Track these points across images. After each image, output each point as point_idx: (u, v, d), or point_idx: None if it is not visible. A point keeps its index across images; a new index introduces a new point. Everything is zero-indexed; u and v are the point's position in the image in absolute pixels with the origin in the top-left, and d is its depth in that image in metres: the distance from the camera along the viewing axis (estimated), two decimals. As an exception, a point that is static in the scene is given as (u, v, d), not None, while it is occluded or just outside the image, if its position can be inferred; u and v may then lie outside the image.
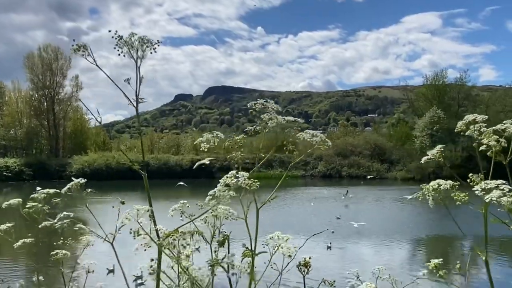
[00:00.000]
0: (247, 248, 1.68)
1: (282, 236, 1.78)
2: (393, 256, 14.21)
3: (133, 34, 1.67)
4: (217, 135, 1.75)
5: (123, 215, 1.68)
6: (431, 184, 1.58)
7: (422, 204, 26.33)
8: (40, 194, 2.18)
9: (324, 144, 1.71)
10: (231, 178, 1.61)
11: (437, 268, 1.71)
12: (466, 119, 1.65)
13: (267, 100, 1.76)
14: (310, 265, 2.00)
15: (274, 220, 18.29)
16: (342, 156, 54.46)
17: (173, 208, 1.76)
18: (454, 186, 1.54)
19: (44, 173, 49.11)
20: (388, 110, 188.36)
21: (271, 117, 1.71)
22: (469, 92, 57.67)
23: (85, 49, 1.65)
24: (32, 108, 59.70)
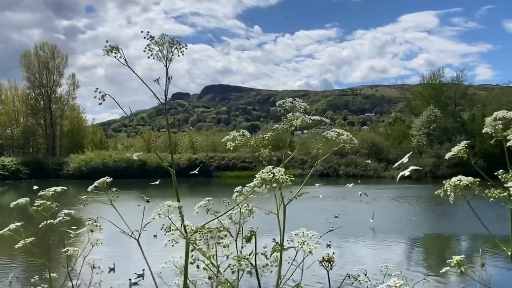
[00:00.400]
0: (277, 243, 1.72)
1: (307, 232, 1.84)
2: (391, 254, 14.25)
3: (164, 35, 1.67)
4: (243, 133, 1.78)
5: (154, 212, 1.70)
6: (452, 180, 1.58)
7: (419, 203, 26.42)
8: (48, 192, 2.20)
9: (351, 143, 1.76)
10: (267, 174, 1.63)
11: (459, 264, 1.74)
12: (497, 115, 1.63)
13: (295, 98, 1.78)
14: (333, 260, 2.03)
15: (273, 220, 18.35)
16: (339, 155, 54.52)
17: (198, 205, 1.80)
18: (475, 182, 1.54)
19: (41, 172, 48.97)
20: (385, 109, 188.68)
21: (297, 117, 1.74)
22: (466, 91, 57.85)
23: (117, 51, 1.65)
24: (29, 106, 59.51)
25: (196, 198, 1.83)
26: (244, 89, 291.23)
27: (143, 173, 49.13)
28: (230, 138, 1.76)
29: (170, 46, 1.67)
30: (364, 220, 20.38)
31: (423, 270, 11.86)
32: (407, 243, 16.13)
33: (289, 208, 1.76)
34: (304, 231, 1.84)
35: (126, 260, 12.30)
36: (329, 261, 2.00)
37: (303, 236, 1.82)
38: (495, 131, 1.60)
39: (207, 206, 1.80)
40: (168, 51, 1.68)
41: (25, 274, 10.75)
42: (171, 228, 1.68)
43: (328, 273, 2.03)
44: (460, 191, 1.55)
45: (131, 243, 1.87)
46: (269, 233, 8.56)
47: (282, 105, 1.76)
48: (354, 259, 13.49)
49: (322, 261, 2.00)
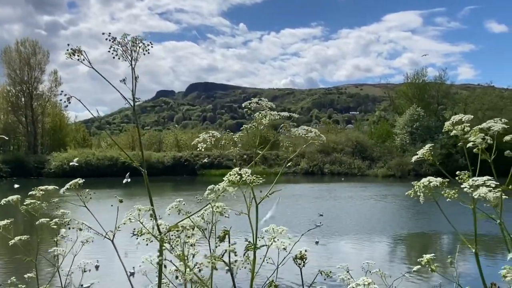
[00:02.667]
0: (249, 242, 1.73)
1: (277, 228, 1.82)
2: (374, 252, 14.42)
3: (125, 35, 1.67)
4: (213, 134, 1.78)
5: (125, 216, 1.72)
6: (422, 181, 1.62)
7: (401, 201, 26.79)
8: (39, 191, 2.20)
9: (319, 139, 1.76)
10: (234, 176, 1.65)
11: (430, 262, 1.78)
12: (453, 119, 1.68)
13: (261, 98, 1.80)
14: (306, 258, 2.03)
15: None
16: (324, 153, 54.89)
17: (170, 207, 1.79)
18: (444, 183, 1.58)
19: (22, 170, 48.07)
20: (369, 108, 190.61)
21: (265, 115, 1.76)
22: (448, 90, 58.82)
23: (80, 53, 1.64)
24: (9, 103, 58.26)
25: (179, 196, 1.82)
26: (230, 87, 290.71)
27: (127, 171, 48.60)
28: (200, 140, 1.77)
29: (133, 46, 1.67)
30: (348, 218, 20.58)
31: (405, 267, 12.03)
32: (391, 241, 16.34)
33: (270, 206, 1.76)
34: (274, 227, 1.84)
35: (110, 258, 12.18)
36: (301, 258, 2.02)
37: (274, 233, 1.82)
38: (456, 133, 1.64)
39: (178, 206, 1.79)
40: (133, 50, 1.67)
41: (3, 275, 10.55)
42: (143, 231, 1.68)
43: (301, 270, 2.05)
44: (429, 191, 1.59)
45: (117, 242, 1.86)
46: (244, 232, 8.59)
47: (248, 105, 1.78)
48: (338, 256, 13.62)
49: (295, 259, 2.02)
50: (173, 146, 63.89)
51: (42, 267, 6.44)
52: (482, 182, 1.46)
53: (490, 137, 1.55)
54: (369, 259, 2.40)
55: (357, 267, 2.58)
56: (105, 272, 11.31)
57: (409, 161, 26.55)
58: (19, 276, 2.54)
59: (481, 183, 1.46)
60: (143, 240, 1.69)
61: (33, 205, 2.14)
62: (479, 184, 1.46)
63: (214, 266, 1.69)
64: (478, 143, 1.54)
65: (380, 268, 2.33)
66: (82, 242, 2.16)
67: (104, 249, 12.11)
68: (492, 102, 51.13)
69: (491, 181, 1.45)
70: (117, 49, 1.66)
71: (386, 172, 49.23)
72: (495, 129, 1.55)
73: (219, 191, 1.67)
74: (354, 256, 13.60)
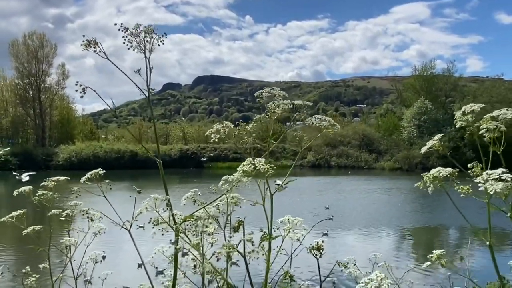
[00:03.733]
0: (264, 232, 1.72)
1: (293, 219, 1.81)
2: (380, 245, 14.41)
3: (138, 25, 1.64)
4: (227, 125, 1.76)
5: (142, 205, 1.70)
6: (431, 172, 1.58)
7: (408, 194, 26.70)
8: (50, 182, 2.21)
9: (333, 128, 1.74)
10: (248, 166, 1.63)
11: (440, 258, 1.75)
12: (465, 108, 1.64)
13: (273, 88, 1.78)
14: (322, 248, 2.02)
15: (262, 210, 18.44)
16: (331, 146, 54.75)
17: (185, 197, 1.79)
18: (454, 174, 1.54)
19: (30, 163, 48.49)
20: (376, 101, 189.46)
21: (278, 104, 1.73)
22: (457, 83, 58.26)
23: (96, 45, 1.61)
24: (18, 96, 58.64)
25: (187, 188, 1.82)
26: (236, 80, 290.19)
27: (134, 164, 48.94)
28: (213, 131, 1.74)
29: (147, 36, 1.63)
30: (354, 211, 20.57)
31: (412, 260, 12.02)
32: (396, 234, 16.31)
33: (278, 198, 1.76)
34: (290, 218, 1.82)
35: (117, 249, 12.28)
36: (318, 249, 2.00)
37: (289, 223, 1.81)
38: (467, 124, 1.60)
39: (193, 197, 1.79)
40: (147, 41, 1.64)
41: (17, 265, 10.69)
42: (159, 221, 1.67)
43: (318, 261, 2.03)
44: (439, 182, 1.55)
45: (122, 234, 1.88)
46: (258, 223, 8.58)
47: (260, 95, 1.76)
48: (344, 248, 13.64)
49: (312, 249, 2.00)
50: (180, 139, 64.06)
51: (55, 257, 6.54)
52: (497, 176, 1.40)
53: (503, 125, 1.51)
54: (375, 252, 2.40)
55: (364, 260, 2.59)
56: (112, 263, 11.42)
57: (417, 154, 26.54)
58: (33, 266, 2.58)
59: (495, 177, 1.40)
60: (158, 230, 1.69)
61: (45, 196, 2.14)
62: (494, 178, 1.40)
63: (230, 256, 1.69)
64: (490, 131, 1.50)
65: (386, 261, 2.33)
66: (94, 233, 2.15)
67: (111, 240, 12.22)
68: (501, 94, 50.54)
69: (507, 175, 1.39)
70: (131, 40, 1.63)
71: (393, 165, 49.03)
72: (508, 117, 1.51)
73: (233, 182, 1.64)
74: (360, 249, 13.61)
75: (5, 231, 12.52)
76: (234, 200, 1.76)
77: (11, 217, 2.19)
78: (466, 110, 1.63)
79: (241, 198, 1.78)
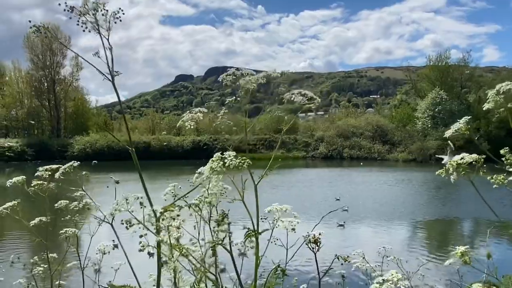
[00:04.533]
0: (248, 229, 1.63)
1: (280, 207, 1.71)
2: (392, 237, 14.35)
3: (86, 1, 1.51)
4: (200, 110, 1.66)
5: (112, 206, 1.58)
6: (455, 158, 1.49)
7: (422, 186, 26.45)
8: (45, 172, 2.16)
9: (313, 102, 1.65)
10: (217, 162, 1.52)
11: (464, 255, 1.66)
12: (500, 86, 1.50)
13: (237, 68, 1.68)
14: (320, 242, 1.97)
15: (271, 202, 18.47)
16: (343, 137, 54.42)
17: (165, 192, 1.69)
18: (480, 160, 1.44)
19: (46, 154, 49.27)
20: (390, 91, 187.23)
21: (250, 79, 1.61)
22: (473, 73, 57.15)
23: (47, 30, 1.56)
24: (33, 88, 59.49)
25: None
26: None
27: (148, 155, 49.41)
28: (186, 119, 1.65)
29: (97, 13, 1.50)
30: (364, 203, 20.46)
31: (425, 253, 11.94)
32: (410, 226, 16.20)
33: (287, 190, 1.72)
34: (276, 206, 1.71)
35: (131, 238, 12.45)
36: (315, 242, 1.97)
37: (277, 212, 1.69)
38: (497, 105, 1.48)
39: (173, 191, 1.69)
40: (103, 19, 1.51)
41: (27, 254, 10.90)
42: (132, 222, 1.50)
43: (316, 255, 1.99)
44: (463, 170, 1.45)
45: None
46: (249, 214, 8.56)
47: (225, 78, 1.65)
48: (355, 241, 13.60)
49: (308, 243, 1.96)
50: (193, 130, 64.20)
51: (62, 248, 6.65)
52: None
53: None
54: (387, 244, 2.38)
55: (374, 253, 2.57)
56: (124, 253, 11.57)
57: (431, 145, 26.13)
58: (42, 256, 2.62)
59: None
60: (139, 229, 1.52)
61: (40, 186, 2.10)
62: None
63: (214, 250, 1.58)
64: None
65: (399, 254, 2.31)
66: (99, 223, 2.10)
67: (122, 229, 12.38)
68: (519, 85, 49.49)
69: None
70: (85, 22, 1.51)
71: (406, 156, 48.55)
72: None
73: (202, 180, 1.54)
74: (372, 241, 13.57)
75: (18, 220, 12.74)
76: (209, 199, 1.63)
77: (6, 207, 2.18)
78: (501, 89, 1.50)
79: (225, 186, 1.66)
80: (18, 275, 3.27)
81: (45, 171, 2.14)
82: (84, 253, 2.56)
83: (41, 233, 2.39)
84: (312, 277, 3.23)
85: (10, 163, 46.01)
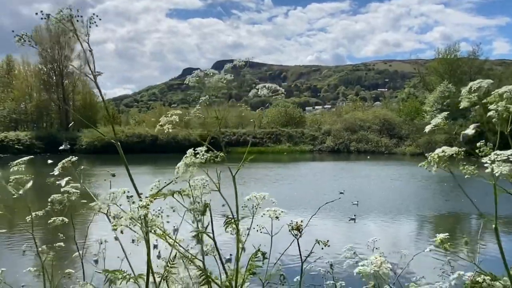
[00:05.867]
0: (227, 217, 1.68)
1: (259, 195, 1.73)
2: (399, 231, 14.33)
3: (61, 10, 1.56)
4: (176, 113, 1.72)
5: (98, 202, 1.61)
6: (436, 151, 1.52)
7: (427, 181, 26.32)
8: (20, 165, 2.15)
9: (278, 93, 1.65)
10: (190, 158, 1.58)
11: (443, 242, 1.71)
12: (472, 85, 1.53)
13: (199, 69, 1.73)
14: (302, 229, 2.01)
15: (276, 197, 18.57)
16: (350, 131, 54.25)
17: (150, 188, 1.69)
18: (460, 153, 1.46)
19: (54, 147, 49.64)
20: (398, 85, 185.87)
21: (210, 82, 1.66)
22: (482, 66, 56.54)
23: (31, 39, 1.58)
24: (42, 81, 59.95)
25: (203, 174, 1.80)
26: (255, 64, 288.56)
27: (155, 148, 49.73)
28: (164, 123, 1.71)
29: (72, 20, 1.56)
30: (370, 197, 20.43)
31: (430, 248, 11.91)
32: (416, 221, 16.17)
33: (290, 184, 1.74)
34: (255, 194, 1.72)
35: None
36: (297, 229, 2.00)
37: (256, 200, 1.71)
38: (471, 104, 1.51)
39: (158, 186, 1.70)
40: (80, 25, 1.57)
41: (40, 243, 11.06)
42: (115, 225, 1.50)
43: (298, 241, 2.02)
44: (444, 163, 1.48)
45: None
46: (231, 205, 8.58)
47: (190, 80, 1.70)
48: (360, 235, 13.61)
49: (291, 229, 2.00)
50: (200, 124, 64.40)
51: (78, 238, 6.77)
52: (506, 157, 1.31)
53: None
54: (394, 238, 2.39)
55: (382, 247, 2.58)
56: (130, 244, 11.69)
57: (439, 139, 25.95)
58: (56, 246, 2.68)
59: (504, 158, 1.31)
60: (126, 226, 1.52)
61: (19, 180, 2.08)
62: (502, 159, 1.32)
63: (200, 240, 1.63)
64: (500, 110, 1.42)
65: (405, 248, 2.32)
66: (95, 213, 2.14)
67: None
68: (529, 78, 48.89)
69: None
70: (68, 27, 1.57)
71: (414, 150, 48.28)
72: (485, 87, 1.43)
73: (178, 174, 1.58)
74: (377, 235, 13.56)
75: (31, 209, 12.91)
76: (186, 192, 1.65)
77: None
78: (473, 87, 1.52)
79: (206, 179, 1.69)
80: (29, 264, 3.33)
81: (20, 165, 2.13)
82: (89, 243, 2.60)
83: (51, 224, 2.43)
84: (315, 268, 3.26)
85: (20, 156, 46.47)
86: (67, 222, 2.44)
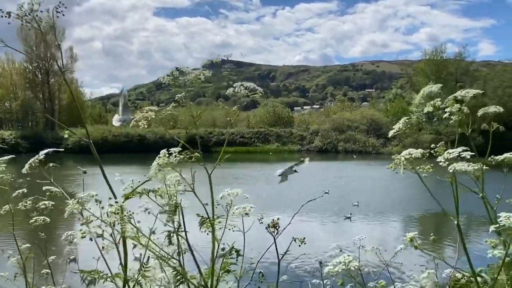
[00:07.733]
0: (202, 217, 1.67)
1: (232, 192, 1.73)
2: (387, 231, 14.46)
3: (21, 6, 1.51)
4: (151, 109, 1.71)
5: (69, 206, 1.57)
6: (403, 153, 1.55)
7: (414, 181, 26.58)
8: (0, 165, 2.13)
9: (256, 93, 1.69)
10: (163, 158, 1.58)
11: (412, 240, 1.78)
12: (424, 91, 1.57)
13: (176, 67, 1.72)
14: (279, 226, 2.04)
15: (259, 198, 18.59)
16: (338, 131, 54.59)
17: (123, 188, 1.68)
18: (425, 155, 1.50)
19: (40, 146, 48.38)
20: (386, 85, 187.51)
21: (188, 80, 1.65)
22: (468, 67, 57.35)
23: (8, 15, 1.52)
24: (27, 80, 59.02)
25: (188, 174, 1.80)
26: (244, 64, 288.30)
27: (142, 148, 49.28)
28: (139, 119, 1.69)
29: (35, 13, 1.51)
30: (356, 197, 20.58)
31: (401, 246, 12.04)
32: (401, 221, 16.34)
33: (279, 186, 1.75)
34: (229, 191, 1.73)
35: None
36: (274, 226, 2.03)
37: (230, 196, 1.72)
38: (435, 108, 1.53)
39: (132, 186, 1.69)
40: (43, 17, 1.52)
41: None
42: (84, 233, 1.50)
43: (275, 238, 2.04)
44: (410, 165, 1.52)
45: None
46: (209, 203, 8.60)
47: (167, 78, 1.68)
48: (345, 235, 13.69)
49: (268, 227, 2.02)
50: (188, 123, 64.20)
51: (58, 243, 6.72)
52: (457, 155, 1.39)
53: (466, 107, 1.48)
54: (380, 238, 2.41)
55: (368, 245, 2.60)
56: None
57: (425, 139, 26.33)
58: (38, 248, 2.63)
59: (456, 156, 1.39)
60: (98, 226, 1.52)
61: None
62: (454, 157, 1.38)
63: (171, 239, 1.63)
64: (455, 113, 1.46)
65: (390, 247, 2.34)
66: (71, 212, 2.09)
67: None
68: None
69: (466, 153, 1.37)
70: (31, 21, 1.52)
71: (401, 150, 48.00)
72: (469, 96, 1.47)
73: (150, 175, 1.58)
74: (368, 235, 13.66)
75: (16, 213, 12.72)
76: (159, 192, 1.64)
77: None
78: (425, 92, 1.57)
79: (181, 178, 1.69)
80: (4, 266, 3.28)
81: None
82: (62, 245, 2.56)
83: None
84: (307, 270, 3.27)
85: (4, 155, 45.72)
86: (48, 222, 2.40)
